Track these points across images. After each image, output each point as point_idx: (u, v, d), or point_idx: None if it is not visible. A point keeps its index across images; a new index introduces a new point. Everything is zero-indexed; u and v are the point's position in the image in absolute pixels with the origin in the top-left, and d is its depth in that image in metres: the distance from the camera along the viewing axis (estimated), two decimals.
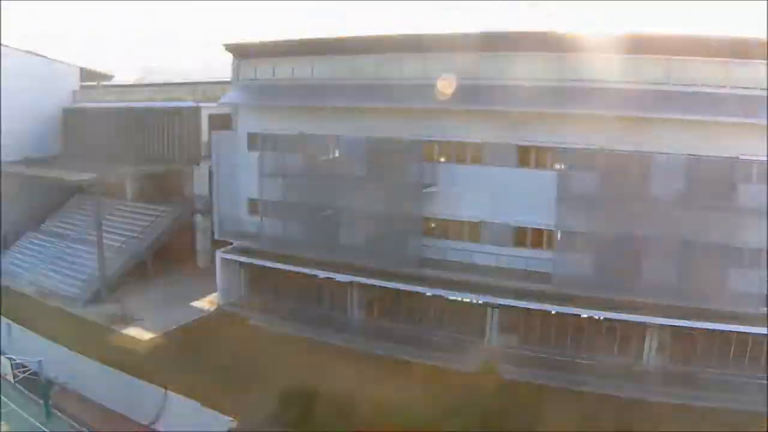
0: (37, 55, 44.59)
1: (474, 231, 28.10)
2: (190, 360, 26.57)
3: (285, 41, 31.76)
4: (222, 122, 35.82)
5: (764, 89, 22.82)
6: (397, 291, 28.98)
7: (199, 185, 38.80)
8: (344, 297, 30.80)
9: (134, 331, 30.22)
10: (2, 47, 41.06)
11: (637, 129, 24.34)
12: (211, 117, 38.13)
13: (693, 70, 24.09)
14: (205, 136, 37.66)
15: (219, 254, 33.23)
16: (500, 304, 26.68)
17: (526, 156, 26.80)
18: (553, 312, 25.86)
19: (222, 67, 36.09)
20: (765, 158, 22.09)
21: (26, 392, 24.77)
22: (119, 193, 42.00)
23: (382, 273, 28.49)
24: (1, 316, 29.66)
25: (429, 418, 14.74)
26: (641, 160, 23.66)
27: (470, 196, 27.57)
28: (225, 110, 35.44)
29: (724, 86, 23.56)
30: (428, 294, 28.20)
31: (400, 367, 25.55)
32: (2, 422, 22.76)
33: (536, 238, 26.90)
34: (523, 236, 27.21)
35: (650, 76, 24.56)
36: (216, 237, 34.28)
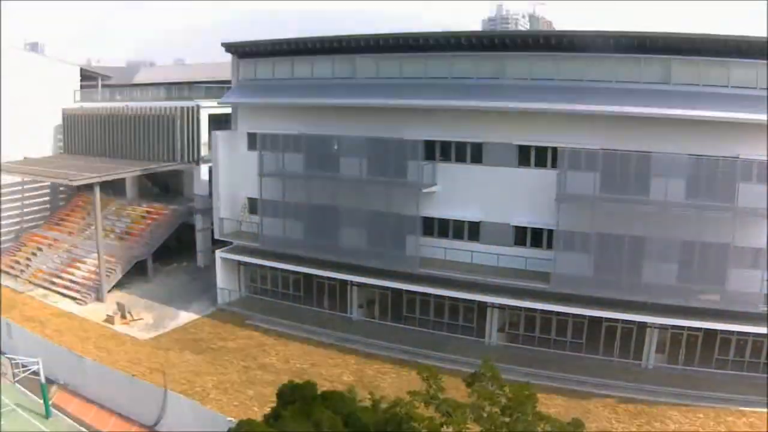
0: (37, 55, 44.59)
1: (474, 231, 28.10)
2: (189, 359, 26.60)
3: (285, 41, 31.73)
4: (222, 122, 35.83)
5: (764, 89, 22.81)
6: (397, 291, 29.01)
7: (199, 185, 38.80)
8: (343, 296, 30.82)
9: (134, 331, 30.23)
10: (2, 47, 41.07)
11: (637, 129, 24.34)
12: (211, 117, 38.14)
13: (693, 70, 24.08)
14: (205, 136, 37.67)
15: (218, 254, 33.24)
16: (500, 304, 26.70)
17: (525, 156, 26.78)
18: (552, 311, 25.88)
19: (222, 67, 36.10)
20: (765, 158, 22.10)
21: (26, 392, 24.74)
22: (119, 193, 42.05)
23: (381, 273, 28.50)
24: (1, 316, 29.62)
25: (426, 417, 14.73)
26: (641, 160, 23.66)
27: (470, 196, 27.56)
28: (225, 110, 35.46)
29: (724, 86, 23.54)
30: (428, 294, 28.21)
31: (399, 366, 25.57)
32: (2, 422, 22.73)
33: (535, 238, 26.89)
34: (522, 236, 27.21)
35: (650, 76, 24.55)
36: (216, 237, 34.29)
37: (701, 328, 24.00)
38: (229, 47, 33.51)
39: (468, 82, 27.23)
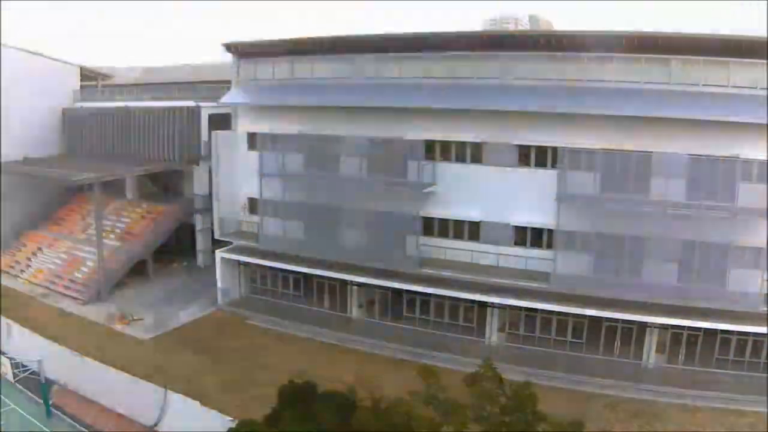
0: (37, 54, 44.54)
1: (473, 231, 28.09)
2: (189, 359, 26.60)
3: (285, 41, 31.69)
4: (222, 122, 35.82)
5: (764, 89, 22.81)
6: (397, 290, 29.01)
7: (199, 185, 38.80)
8: (343, 296, 30.83)
9: (134, 331, 30.24)
10: (2, 47, 41.04)
11: (637, 129, 24.34)
12: (211, 117, 38.12)
13: (693, 70, 24.08)
14: (205, 136, 37.65)
15: (219, 254, 33.25)
16: (500, 304, 26.70)
17: (525, 156, 26.78)
18: (552, 311, 25.88)
19: (222, 67, 36.08)
20: (765, 158, 22.11)
21: (26, 392, 24.79)
22: (119, 193, 42.04)
23: (381, 272, 28.50)
24: (1, 316, 29.65)
25: (426, 417, 14.76)
26: (641, 160, 23.66)
27: (470, 196, 27.56)
28: (225, 110, 35.44)
29: (724, 86, 23.53)
30: (428, 293, 28.21)
31: (398, 366, 25.57)
32: (2, 422, 22.77)
33: (535, 237, 26.89)
34: (522, 236, 27.20)
35: (650, 76, 24.54)
36: (216, 236, 34.30)
37: (701, 328, 24.01)
38: (229, 47, 33.49)
39: (468, 82, 27.23)
